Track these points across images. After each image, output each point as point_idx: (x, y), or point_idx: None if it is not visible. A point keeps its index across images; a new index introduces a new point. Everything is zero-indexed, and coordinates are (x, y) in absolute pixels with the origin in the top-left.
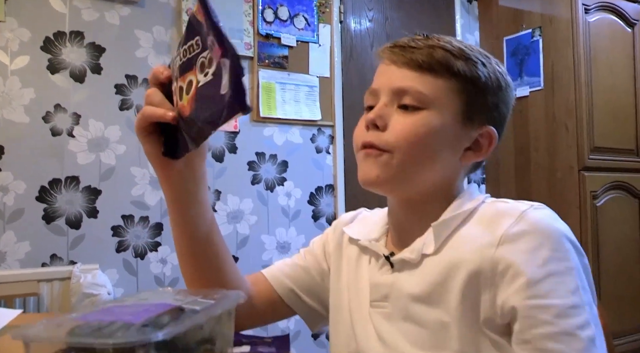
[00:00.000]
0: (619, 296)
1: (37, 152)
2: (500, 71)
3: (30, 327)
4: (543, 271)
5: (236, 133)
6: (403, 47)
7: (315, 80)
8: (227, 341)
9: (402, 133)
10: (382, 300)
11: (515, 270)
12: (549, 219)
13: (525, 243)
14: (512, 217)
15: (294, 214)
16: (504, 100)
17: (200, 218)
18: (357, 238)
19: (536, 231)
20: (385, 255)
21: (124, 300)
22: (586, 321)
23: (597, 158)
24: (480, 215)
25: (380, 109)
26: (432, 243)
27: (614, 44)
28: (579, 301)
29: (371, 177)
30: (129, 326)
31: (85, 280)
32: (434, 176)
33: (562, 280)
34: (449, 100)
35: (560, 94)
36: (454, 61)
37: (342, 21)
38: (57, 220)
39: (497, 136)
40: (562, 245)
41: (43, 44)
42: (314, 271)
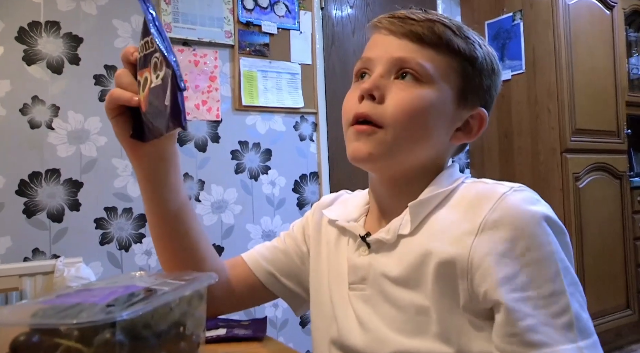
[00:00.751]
0: (601, 276)
1: (15, 145)
2: (494, 54)
3: None
4: (521, 262)
5: (218, 122)
6: (402, 19)
7: (297, 67)
8: (199, 323)
9: (402, 106)
10: (360, 282)
11: (494, 262)
12: (527, 203)
13: (503, 232)
14: (490, 202)
15: (279, 203)
16: (495, 84)
17: (171, 197)
18: (335, 219)
19: (514, 220)
20: (362, 235)
21: (93, 284)
22: (565, 306)
23: (578, 140)
24: (459, 197)
25: (376, 80)
26: (408, 224)
27: (594, 27)
28: (558, 287)
29: (363, 154)
30: (94, 307)
31: (69, 274)
32: (425, 155)
33: (540, 268)
34: (448, 78)
35: (541, 77)
36: (454, 38)
37: (323, 8)
38: (38, 214)
39: (487, 118)
40: (541, 230)
41: (17, 35)
42: (293, 254)
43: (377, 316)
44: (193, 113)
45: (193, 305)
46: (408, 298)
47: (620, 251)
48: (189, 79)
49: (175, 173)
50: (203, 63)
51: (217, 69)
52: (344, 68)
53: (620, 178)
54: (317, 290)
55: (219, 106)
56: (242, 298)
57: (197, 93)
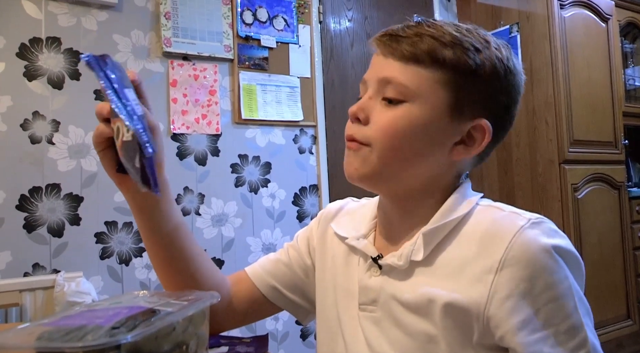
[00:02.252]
0: (601, 286)
1: (16, 160)
2: (500, 56)
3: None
4: (540, 301)
5: (218, 136)
6: (391, 36)
7: (296, 81)
8: (202, 342)
9: (381, 127)
10: (371, 304)
11: (513, 305)
12: (545, 238)
13: (522, 271)
14: (508, 236)
15: (279, 216)
16: (502, 89)
17: (163, 223)
18: (345, 235)
19: (532, 258)
20: (373, 257)
21: (96, 304)
22: (583, 340)
23: (576, 150)
24: (474, 225)
25: (363, 102)
26: (420, 251)
27: (590, 39)
28: (576, 321)
29: (351, 170)
30: (99, 329)
31: (69, 289)
32: (420, 173)
33: (559, 305)
34: (434, 92)
35: (539, 88)
36: (440, 50)
37: (321, 21)
38: (38, 229)
39: (491, 129)
40: (558, 266)
41: (19, 51)
42: (297, 268)
43: (386, 340)
44: (193, 127)
45: (196, 324)
46: (418, 325)
47: (620, 262)
48: (189, 93)
49: (165, 201)
50: (203, 77)
51: (216, 82)
52: (343, 81)
53: (619, 188)
54: (323, 304)
55: (219, 120)
56: (245, 313)
57: (197, 107)
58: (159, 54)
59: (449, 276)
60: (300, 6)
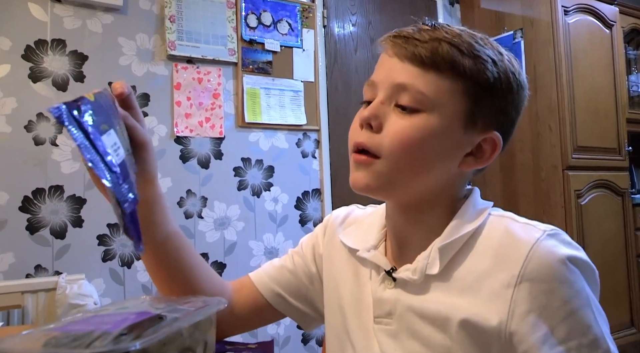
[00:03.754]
0: (604, 293)
1: (19, 162)
2: (513, 70)
3: (6, 340)
4: (561, 314)
5: (222, 139)
6: (407, 39)
7: (300, 85)
8: (209, 348)
9: (398, 137)
10: (386, 317)
11: (534, 319)
12: (562, 249)
13: (542, 285)
14: (524, 250)
15: (281, 220)
16: (513, 103)
17: (157, 234)
18: (355, 248)
19: (550, 271)
20: (386, 270)
21: (103, 309)
22: (605, 350)
23: (580, 157)
24: (488, 237)
25: (376, 107)
26: (436, 264)
27: (593, 45)
28: (598, 331)
29: (361, 185)
30: (107, 335)
31: (71, 291)
32: (432, 183)
33: (580, 317)
34: (452, 102)
35: (543, 94)
36: (460, 59)
37: (325, 26)
38: (41, 230)
39: (501, 143)
40: (575, 277)
41: (24, 53)
42: (302, 275)
43: (403, 352)
44: (196, 130)
45: (203, 330)
46: (436, 337)
47: (623, 269)
48: (193, 96)
49: (159, 212)
50: (207, 80)
51: (220, 86)
52: (347, 85)
53: (622, 195)
54: (331, 313)
55: (222, 123)
56: (249, 319)
57: (201, 110)
58: (164, 57)
59: (465, 290)
60: (304, 10)
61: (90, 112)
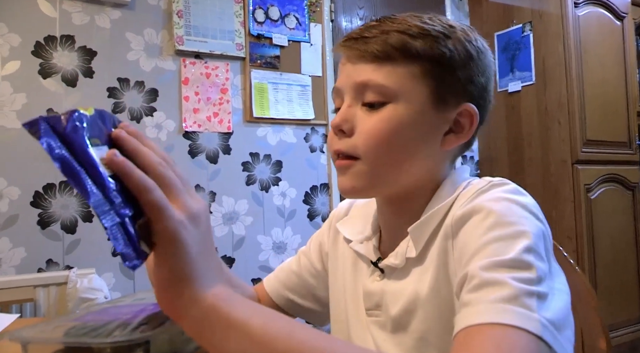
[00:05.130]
0: (613, 288)
1: (30, 157)
2: (468, 38)
3: (28, 329)
4: (488, 238)
5: (230, 134)
6: (356, 39)
7: (308, 79)
8: None
9: (369, 134)
10: (375, 308)
11: (466, 250)
12: (501, 193)
13: (472, 221)
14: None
15: (290, 214)
16: (478, 70)
17: None
18: (350, 238)
19: (483, 207)
20: (373, 261)
21: (119, 301)
22: (536, 278)
23: (589, 151)
24: (455, 212)
25: (344, 112)
26: (413, 247)
27: (604, 38)
28: (529, 259)
29: (347, 188)
30: (126, 325)
31: (82, 285)
32: (415, 171)
33: (510, 243)
34: (415, 87)
35: (552, 88)
36: (411, 43)
37: (333, 20)
38: (52, 225)
39: (477, 113)
40: (512, 211)
41: (34, 49)
42: (307, 275)
43: (392, 343)
44: (204, 125)
45: None
46: (414, 322)
47: (634, 263)
48: (201, 91)
49: None
50: (214, 75)
51: (228, 81)
52: None
53: (633, 189)
54: (335, 309)
55: (230, 118)
56: None
57: (209, 105)
58: (171, 52)
59: (437, 267)
60: (311, 5)
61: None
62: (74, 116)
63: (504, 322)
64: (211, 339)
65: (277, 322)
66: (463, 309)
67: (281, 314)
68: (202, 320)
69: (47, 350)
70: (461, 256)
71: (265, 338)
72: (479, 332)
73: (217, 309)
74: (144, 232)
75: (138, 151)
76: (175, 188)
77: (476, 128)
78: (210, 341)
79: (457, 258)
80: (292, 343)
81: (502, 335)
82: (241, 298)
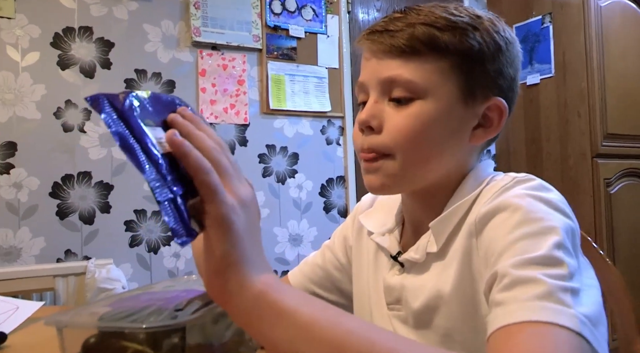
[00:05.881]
0: (633, 284)
1: (49, 148)
2: (496, 29)
3: (63, 314)
4: (515, 235)
5: (246, 126)
6: (381, 33)
7: (324, 71)
8: None
9: (400, 131)
10: (396, 303)
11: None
12: (525, 190)
13: (497, 218)
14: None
15: (306, 207)
16: (507, 61)
17: None
18: (372, 231)
19: (508, 204)
20: (392, 255)
21: (149, 288)
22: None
23: (610, 144)
24: (479, 207)
25: (371, 108)
26: (434, 242)
27: (627, 29)
28: (560, 255)
29: (376, 186)
30: (161, 311)
31: (100, 275)
32: (444, 167)
33: (539, 240)
34: (444, 82)
35: (572, 80)
36: (439, 36)
37: (349, 11)
38: (70, 216)
39: (506, 107)
40: (538, 208)
41: (53, 40)
42: (331, 269)
43: (415, 337)
44: (221, 117)
45: None
46: (435, 318)
47: None
48: (217, 83)
49: None
50: (231, 67)
51: (245, 72)
52: None
53: None
54: (359, 302)
55: (247, 110)
56: None
57: (225, 97)
58: (188, 44)
59: (459, 264)
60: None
61: (137, 102)
62: (131, 96)
63: (543, 320)
64: (259, 326)
65: (325, 311)
66: (496, 308)
67: (329, 304)
68: (250, 306)
69: (82, 335)
70: (487, 254)
71: (314, 327)
72: (519, 330)
73: (266, 296)
74: (195, 213)
75: (192, 135)
76: (228, 173)
77: None
78: (258, 328)
79: (483, 257)
80: (340, 332)
81: (543, 333)
82: (289, 286)
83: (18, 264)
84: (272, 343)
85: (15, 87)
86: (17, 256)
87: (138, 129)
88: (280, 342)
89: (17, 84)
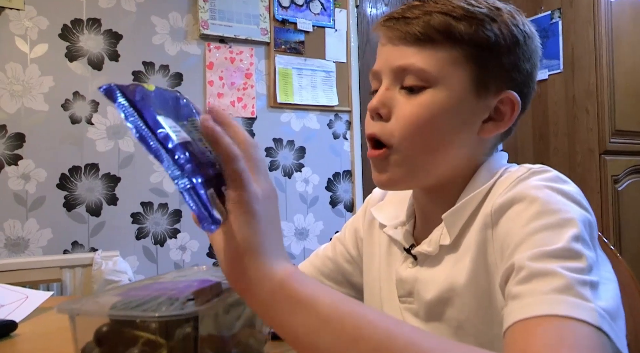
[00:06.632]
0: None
1: (57, 140)
2: (515, 22)
3: (76, 302)
4: (533, 227)
5: (253, 119)
6: (397, 19)
7: (332, 65)
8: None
9: (407, 120)
10: (408, 296)
11: (509, 240)
12: (542, 181)
13: (514, 209)
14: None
15: (312, 201)
16: (524, 56)
17: None
18: (384, 223)
19: (525, 195)
20: (406, 248)
21: (160, 278)
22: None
23: (618, 141)
24: (493, 198)
25: (382, 95)
26: (447, 235)
27: (637, 25)
28: (579, 248)
29: (383, 181)
30: (173, 301)
31: (107, 267)
32: (451, 160)
33: (557, 232)
34: (456, 72)
35: (580, 76)
36: (455, 25)
37: (358, 5)
38: (77, 208)
39: (519, 101)
40: (555, 199)
41: (61, 32)
42: (342, 261)
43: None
44: (228, 110)
45: None
46: (447, 311)
47: None
48: (225, 76)
49: None
50: (239, 60)
51: (252, 66)
52: None
53: None
54: (369, 294)
55: (254, 103)
56: None
57: (233, 90)
58: (196, 37)
59: (473, 256)
60: None
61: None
62: (139, 87)
63: (562, 314)
64: (278, 315)
65: (345, 301)
66: (513, 301)
67: (347, 296)
68: (270, 295)
69: (94, 324)
70: (503, 246)
71: (333, 317)
72: (537, 324)
73: (286, 285)
74: (216, 202)
75: (229, 124)
76: (256, 165)
77: (517, 117)
78: (277, 317)
79: (499, 248)
80: (360, 322)
81: (562, 327)
82: (309, 277)
83: (26, 255)
84: (290, 332)
85: (23, 78)
86: (25, 247)
87: (152, 119)
88: (299, 332)
89: (25, 76)
